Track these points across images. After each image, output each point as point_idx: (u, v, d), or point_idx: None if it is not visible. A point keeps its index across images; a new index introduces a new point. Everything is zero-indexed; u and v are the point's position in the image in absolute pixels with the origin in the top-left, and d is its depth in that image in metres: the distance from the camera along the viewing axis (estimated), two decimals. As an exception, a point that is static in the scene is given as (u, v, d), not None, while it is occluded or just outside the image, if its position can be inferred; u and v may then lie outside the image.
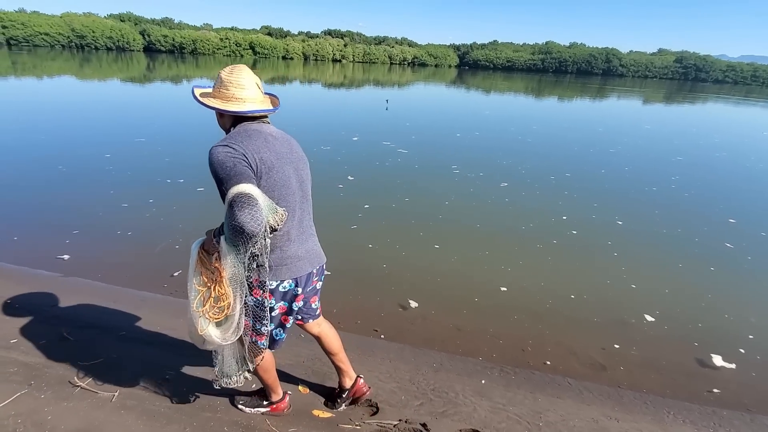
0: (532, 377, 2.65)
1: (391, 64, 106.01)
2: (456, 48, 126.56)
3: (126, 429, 1.90)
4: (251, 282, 1.55)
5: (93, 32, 67.74)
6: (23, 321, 2.70)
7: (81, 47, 66.94)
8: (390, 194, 5.92)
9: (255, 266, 1.52)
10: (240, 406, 2.07)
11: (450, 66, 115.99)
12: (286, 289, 1.65)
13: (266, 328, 1.66)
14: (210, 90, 1.59)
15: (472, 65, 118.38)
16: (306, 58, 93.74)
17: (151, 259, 3.80)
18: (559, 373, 2.72)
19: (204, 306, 1.57)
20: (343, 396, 2.13)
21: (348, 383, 2.12)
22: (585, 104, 24.93)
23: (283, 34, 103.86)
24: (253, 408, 2.06)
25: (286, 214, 1.51)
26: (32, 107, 11.72)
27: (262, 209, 1.36)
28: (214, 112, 1.58)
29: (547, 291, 3.71)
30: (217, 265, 1.53)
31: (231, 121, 1.56)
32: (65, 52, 53.31)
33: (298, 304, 1.73)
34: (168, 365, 2.37)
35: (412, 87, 31.50)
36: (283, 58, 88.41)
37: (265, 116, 1.61)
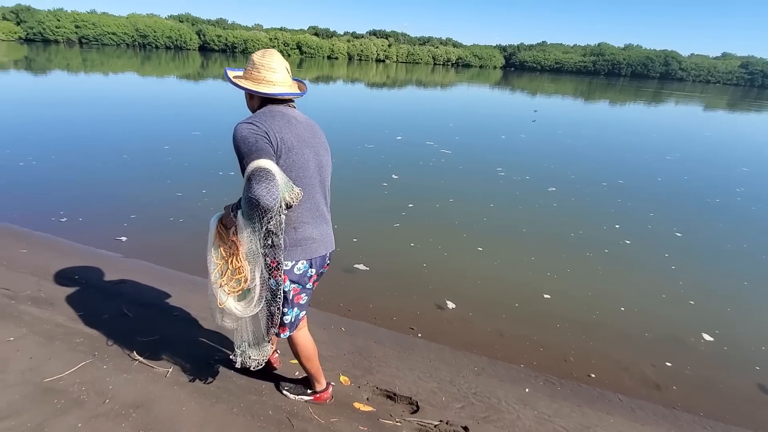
0: (579, 390, 2.53)
1: (435, 64, 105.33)
2: (502, 49, 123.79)
3: (179, 404, 2.00)
4: (269, 263, 1.58)
5: (154, 32, 72.10)
6: (89, 296, 2.91)
7: (143, 46, 71.44)
8: (434, 194, 5.88)
9: (270, 244, 1.53)
10: (284, 392, 2.11)
11: (495, 67, 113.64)
12: (301, 271, 1.67)
13: (278, 310, 1.67)
14: (241, 73, 1.65)
15: (518, 66, 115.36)
16: (350, 58, 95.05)
17: (202, 246, 3.98)
18: (607, 388, 2.58)
19: (222, 278, 1.61)
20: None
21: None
22: (639, 109, 23.61)
23: (329, 35, 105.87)
24: (297, 395, 2.09)
25: (302, 193, 1.54)
26: (101, 101, 12.65)
27: (279, 185, 1.40)
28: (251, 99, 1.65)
29: (594, 301, 3.54)
30: (234, 238, 1.57)
31: (259, 102, 1.63)
32: (129, 51, 57.10)
33: (311, 285, 1.76)
34: (216, 347, 2.47)
35: (454, 88, 31.14)
36: (329, 57, 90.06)
37: (292, 100, 1.67)
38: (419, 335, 2.97)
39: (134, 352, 2.32)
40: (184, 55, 55.55)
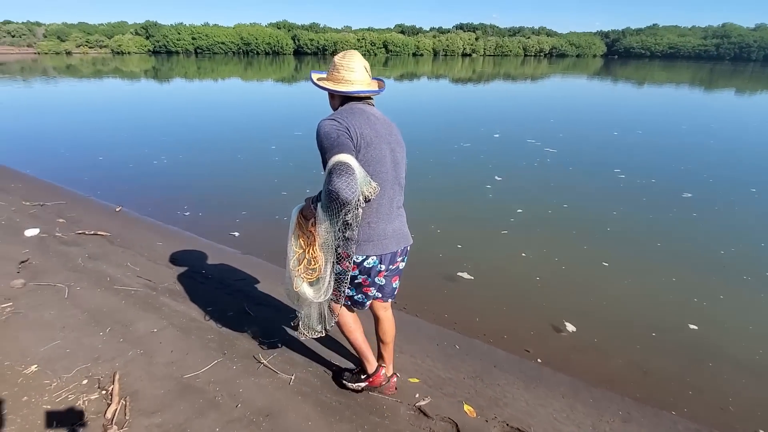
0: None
1: (526, 56, 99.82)
2: (604, 35, 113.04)
3: (304, 417, 1.96)
4: (340, 254, 1.66)
5: (256, 39, 78.68)
6: (216, 292, 3.08)
7: (246, 53, 78.32)
8: (544, 198, 5.38)
9: (344, 237, 1.60)
10: (344, 382, 2.16)
11: (595, 56, 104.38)
12: (370, 265, 1.73)
13: (344, 293, 1.76)
14: (324, 75, 1.76)
15: (622, 54, 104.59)
16: (436, 53, 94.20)
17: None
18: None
19: (299, 266, 1.73)
20: (362, 377, 2.12)
21: (377, 370, 2.10)
22: (786, 97, 19.70)
23: (414, 32, 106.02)
24: (355, 383, 2.14)
25: (379, 187, 1.58)
26: (214, 104, 14.00)
27: (358, 179, 1.45)
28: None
29: (757, 337, 2.88)
30: (312, 230, 1.67)
31: (340, 101, 1.72)
32: (234, 58, 62.94)
33: (380, 280, 1.83)
34: (334, 356, 2.42)
35: (546, 80, 29.01)
36: (414, 54, 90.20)
37: (371, 98, 1.75)
38: (538, 360, 2.65)
39: (259, 354, 2.35)
40: (280, 60, 59.70)
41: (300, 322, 1.88)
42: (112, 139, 8.54)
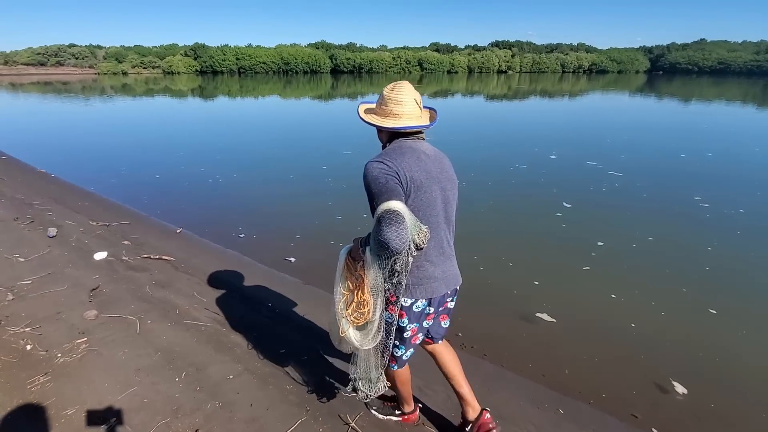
0: None
1: (563, 72, 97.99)
2: (647, 50, 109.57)
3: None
4: (387, 297, 1.58)
5: (295, 59, 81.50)
6: (284, 329, 2.87)
7: (285, 72, 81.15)
8: (625, 229, 4.93)
9: (394, 281, 1.53)
10: (373, 411, 2.11)
11: (637, 72, 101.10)
12: (419, 309, 1.65)
13: (390, 344, 1.69)
14: (373, 106, 1.66)
15: (667, 69, 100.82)
16: (470, 70, 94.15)
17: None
18: None
19: (347, 309, 1.65)
20: (467, 430, 1.94)
21: (472, 415, 1.95)
22: None
23: (449, 49, 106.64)
24: (386, 415, 2.10)
25: (429, 233, 1.49)
26: (261, 121, 14.32)
27: (408, 228, 1.37)
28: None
29: None
30: (361, 272, 1.60)
31: (388, 136, 1.62)
32: (274, 77, 65.29)
33: (428, 323, 1.75)
34: (428, 411, 2.13)
35: (586, 97, 28.04)
36: (448, 72, 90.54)
37: (421, 132, 1.64)
38: (653, 431, 2.26)
39: (346, 415, 2.10)
40: (317, 78, 61.37)
41: (356, 383, 1.80)
42: (169, 158, 8.77)
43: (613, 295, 3.56)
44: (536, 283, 3.75)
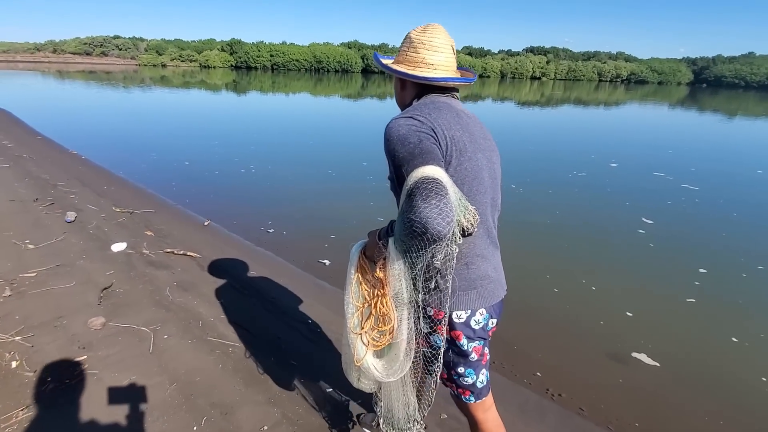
0: None
1: (600, 81, 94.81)
2: (690, 62, 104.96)
3: None
4: (430, 314, 1.14)
5: (327, 57, 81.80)
6: (332, 360, 2.29)
7: (317, 70, 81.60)
8: (727, 255, 4.15)
9: (433, 286, 1.07)
10: None
11: (679, 83, 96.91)
12: (480, 324, 1.19)
13: (436, 373, 1.20)
14: (393, 60, 1.26)
15: (712, 83, 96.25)
16: (503, 76, 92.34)
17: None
18: None
19: (362, 327, 1.24)
20: None
21: None
22: None
23: (483, 54, 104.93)
24: None
25: (478, 215, 1.04)
26: (300, 114, 13.95)
27: (453, 203, 0.94)
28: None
29: None
30: (381, 275, 1.16)
31: (414, 92, 1.22)
32: (306, 74, 65.67)
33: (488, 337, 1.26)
34: None
35: (622, 107, 26.42)
36: (480, 76, 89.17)
37: (457, 90, 1.23)
38: None
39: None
40: (348, 77, 61.20)
41: (381, 419, 1.39)
42: (202, 147, 8.39)
43: (734, 339, 2.83)
44: (629, 314, 3.06)
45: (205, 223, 4.30)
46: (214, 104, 18.08)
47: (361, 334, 1.26)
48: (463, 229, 1.02)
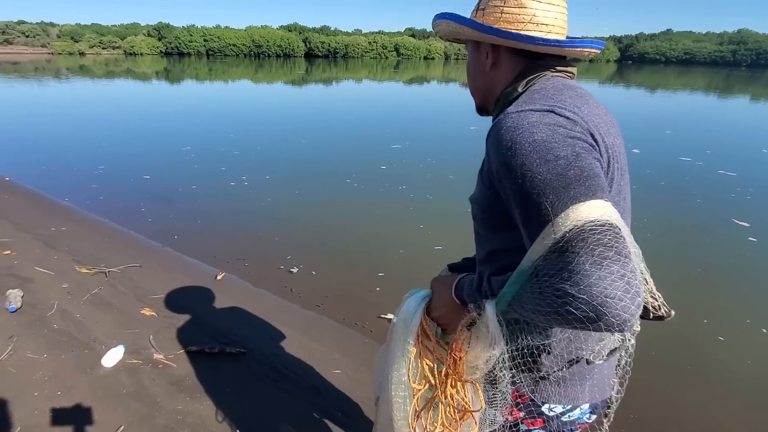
0: None
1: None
2: (617, 40, 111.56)
3: None
4: (502, 390, 0.80)
5: (267, 42, 77.35)
6: None
7: (257, 55, 76.97)
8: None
9: (530, 370, 0.76)
10: None
11: (608, 60, 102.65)
12: (571, 419, 0.83)
13: None
14: (475, 14, 0.83)
15: (636, 59, 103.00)
16: (447, 57, 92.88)
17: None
18: None
19: (418, 419, 0.88)
20: None
21: None
22: None
23: (425, 35, 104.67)
24: None
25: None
26: (260, 109, 12.30)
27: (636, 266, 0.59)
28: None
29: None
30: (461, 350, 0.77)
31: (518, 70, 0.80)
32: (246, 60, 61.51)
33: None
34: None
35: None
36: (425, 58, 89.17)
37: (574, 68, 0.82)
38: None
39: None
40: (291, 62, 58.05)
41: None
42: (166, 153, 6.79)
43: None
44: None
45: (218, 277, 3.09)
46: (158, 98, 15.72)
47: (425, 428, 0.87)
48: (645, 308, 0.65)
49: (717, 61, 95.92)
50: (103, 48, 68.16)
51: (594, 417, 0.89)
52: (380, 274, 3.25)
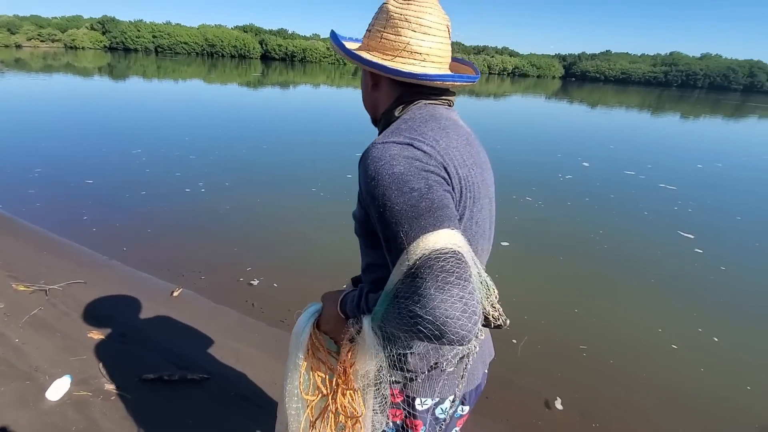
0: None
1: (490, 74, 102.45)
2: (561, 58, 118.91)
3: None
4: (385, 393, 0.86)
5: (221, 42, 74.78)
6: None
7: (210, 54, 74.18)
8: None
9: (400, 366, 0.82)
10: None
11: (554, 77, 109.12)
12: (446, 413, 0.90)
13: None
14: (360, 43, 0.87)
15: (579, 77, 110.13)
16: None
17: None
18: None
19: (313, 428, 0.90)
20: None
21: None
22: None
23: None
24: None
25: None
26: (217, 109, 11.79)
27: (476, 287, 0.66)
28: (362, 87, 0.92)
29: None
30: (346, 360, 0.82)
31: (396, 94, 0.85)
32: (198, 59, 59.11)
33: (457, 429, 1.00)
34: None
35: (511, 98, 28.32)
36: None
37: (453, 95, 0.89)
38: None
39: None
40: (246, 63, 56.51)
41: None
42: (111, 154, 6.30)
43: None
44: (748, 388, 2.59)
45: (174, 294, 2.90)
46: (101, 95, 14.65)
47: None
48: (486, 319, 0.74)
49: (651, 81, 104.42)
50: (41, 41, 63.15)
51: (466, 408, 0.98)
52: (344, 286, 3.19)
